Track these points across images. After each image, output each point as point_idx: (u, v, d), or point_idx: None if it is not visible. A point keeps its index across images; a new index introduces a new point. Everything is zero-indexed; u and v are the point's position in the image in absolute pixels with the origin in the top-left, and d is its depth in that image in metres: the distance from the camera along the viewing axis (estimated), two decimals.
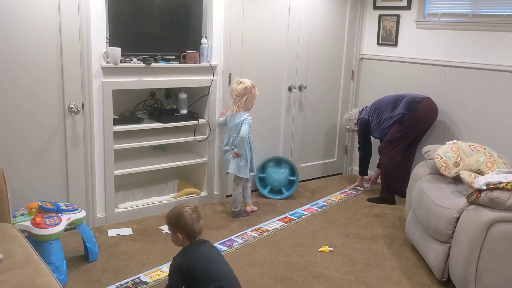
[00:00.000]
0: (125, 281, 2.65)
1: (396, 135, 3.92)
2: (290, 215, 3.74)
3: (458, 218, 2.63)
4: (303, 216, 3.72)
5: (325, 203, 3.99)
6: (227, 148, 3.61)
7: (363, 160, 4.33)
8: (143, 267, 2.85)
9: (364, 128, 4.21)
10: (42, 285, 1.78)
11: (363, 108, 4.33)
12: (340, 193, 4.29)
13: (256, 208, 3.81)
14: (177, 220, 2.26)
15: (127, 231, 3.31)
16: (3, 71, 2.82)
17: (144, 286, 2.63)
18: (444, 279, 2.75)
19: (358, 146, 4.34)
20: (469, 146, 3.14)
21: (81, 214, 2.80)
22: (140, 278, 2.70)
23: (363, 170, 4.38)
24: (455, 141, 3.27)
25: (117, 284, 2.63)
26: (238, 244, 3.19)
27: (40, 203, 2.70)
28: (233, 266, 2.87)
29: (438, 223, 2.72)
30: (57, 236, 2.58)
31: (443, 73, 4.02)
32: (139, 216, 3.55)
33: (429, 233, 2.87)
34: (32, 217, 2.62)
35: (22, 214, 2.65)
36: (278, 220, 3.64)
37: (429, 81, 4.11)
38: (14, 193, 2.49)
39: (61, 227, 2.61)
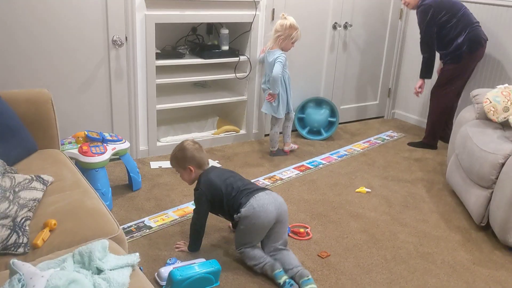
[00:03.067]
0: (129, 224, 2.61)
1: (452, 76, 3.71)
2: (331, 154, 3.74)
3: (503, 164, 2.55)
4: (343, 157, 3.71)
5: (346, 152, 3.82)
6: (264, 86, 3.57)
7: (430, 61, 3.77)
8: (184, 198, 2.95)
9: (431, 21, 3.61)
10: (90, 207, 1.88)
11: None
12: (363, 142, 4.06)
13: (296, 146, 3.80)
14: (183, 154, 2.37)
15: (169, 164, 3.40)
16: (49, 4, 2.85)
17: (148, 230, 2.57)
18: (483, 224, 2.72)
19: (420, 42, 3.74)
20: None
21: (126, 144, 2.89)
22: (144, 222, 2.64)
23: (428, 72, 3.83)
24: (506, 85, 3.11)
25: (122, 227, 2.48)
26: (276, 181, 3.24)
27: (86, 133, 2.79)
28: None
29: (481, 168, 2.66)
30: (103, 164, 2.69)
31: (499, 12, 3.77)
32: None
33: (471, 178, 2.81)
34: (79, 145, 2.73)
35: (70, 143, 2.76)
36: (321, 159, 3.65)
37: (485, 19, 3.86)
38: (62, 122, 2.57)
39: (106, 156, 2.70)
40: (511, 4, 3.69)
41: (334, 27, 4.11)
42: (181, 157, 2.38)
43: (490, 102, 2.97)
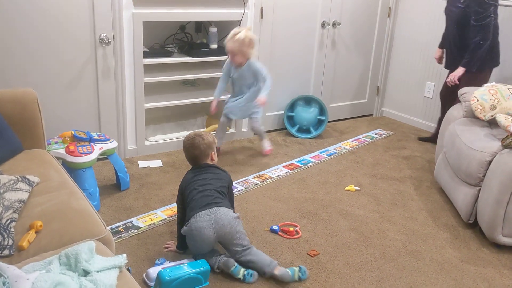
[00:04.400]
0: (117, 224, 2.57)
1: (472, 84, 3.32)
2: (321, 153, 3.75)
3: (490, 162, 2.57)
4: (332, 155, 3.72)
5: (335, 151, 3.81)
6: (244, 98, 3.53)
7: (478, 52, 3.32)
8: (173, 197, 2.93)
9: (494, 15, 3.26)
10: (77, 207, 1.85)
11: None
12: (352, 140, 4.06)
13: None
14: (183, 148, 2.41)
15: (157, 163, 3.39)
16: (35, 2, 2.81)
17: (136, 230, 2.54)
18: (471, 222, 2.74)
19: (478, 28, 3.24)
20: (508, 89, 3.02)
21: (113, 144, 2.86)
22: (133, 223, 2.60)
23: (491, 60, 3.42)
24: (493, 83, 3.14)
25: (110, 227, 2.54)
26: (265, 180, 3.24)
27: (73, 132, 2.76)
28: (260, 200, 2.93)
29: (469, 166, 2.67)
30: (90, 164, 2.66)
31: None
32: (168, 149, 3.61)
33: (459, 176, 2.83)
34: (66, 145, 2.70)
35: (56, 142, 2.72)
36: (310, 157, 3.65)
37: None
38: (48, 122, 2.55)
39: (93, 155, 2.68)
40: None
41: (323, 26, 4.11)
42: (184, 150, 2.43)
43: (478, 100, 2.99)
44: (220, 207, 2.21)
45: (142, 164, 3.36)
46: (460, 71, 3.40)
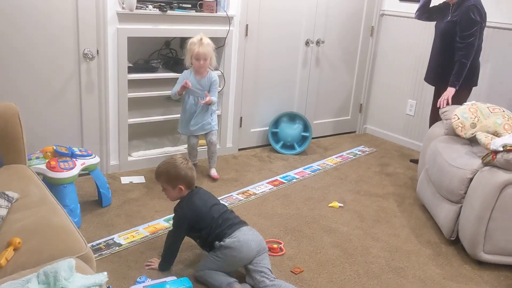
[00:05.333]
0: (98, 241, 2.53)
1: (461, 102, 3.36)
2: (305, 169, 3.76)
3: (471, 179, 2.61)
4: (317, 171, 3.73)
5: (319, 167, 3.83)
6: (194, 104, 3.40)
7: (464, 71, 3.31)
8: (155, 214, 2.90)
9: (482, 23, 3.29)
10: (57, 224, 1.82)
11: None
12: (336, 157, 4.08)
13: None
14: (177, 172, 2.28)
15: (140, 179, 3.35)
16: (20, 16, 2.79)
17: (117, 248, 2.49)
18: (453, 238, 2.76)
19: (462, 45, 3.27)
20: (487, 107, 3.08)
21: (95, 159, 2.83)
22: (114, 240, 2.57)
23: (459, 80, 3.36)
24: (473, 101, 3.20)
25: (91, 244, 2.50)
26: (249, 196, 3.22)
27: (55, 147, 2.72)
28: (244, 216, 2.91)
29: (451, 183, 2.71)
30: (72, 180, 2.62)
31: None
32: (152, 165, 3.58)
33: (440, 193, 2.86)
34: (47, 160, 2.66)
35: (37, 158, 2.68)
36: (294, 173, 3.65)
37: None
38: (29, 136, 2.51)
39: (75, 171, 2.64)
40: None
41: (307, 44, 4.16)
42: (174, 175, 2.28)
43: (458, 118, 3.04)
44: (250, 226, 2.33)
45: (125, 180, 3.32)
46: (451, 91, 3.37)
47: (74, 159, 2.71)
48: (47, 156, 2.70)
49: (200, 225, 2.25)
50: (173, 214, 2.32)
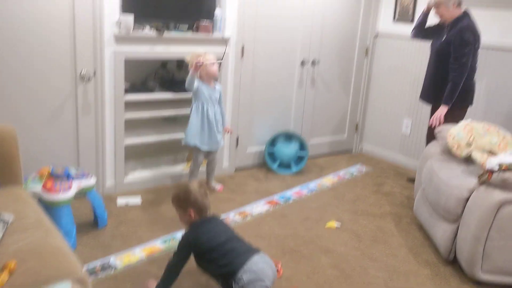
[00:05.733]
0: (93, 264, 2.51)
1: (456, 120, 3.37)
2: (301, 189, 3.75)
3: (468, 198, 2.61)
4: (314, 191, 3.73)
5: (316, 187, 3.82)
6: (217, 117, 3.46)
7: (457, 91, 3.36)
8: (152, 234, 2.88)
9: (476, 44, 3.35)
10: (53, 246, 1.81)
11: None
12: (333, 176, 4.07)
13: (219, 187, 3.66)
14: (186, 196, 2.29)
15: (136, 200, 3.34)
16: (17, 36, 2.82)
17: (113, 270, 2.47)
18: (451, 259, 2.75)
19: (455, 66, 3.32)
20: (483, 126, 3.10)
21: (92, 181, 2.82)
22: (110, 262, 2.54)
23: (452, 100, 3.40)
24: (469, 120, 3.22)
25: (86, 266, 2.48)
26: (246, 217, 3.21)
27: (51, 169, 2.72)
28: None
29: (447, 202, 2.71)
30: (68, 201, 2.61)
31: None
32: (148, 186, 3.57)
33: (437, 212, 2.86)
34: (43, 182, 2.65)
35: (34, 179, 2.67)
36: (291, 193, 3.65)
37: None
38: (26, 157, 2.51)
39: (71, 193, 2.63)
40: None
41: (303, 64, 4.20)
42: (183, 199, 2.30)
43: (454, 137, 3.06)
44: (261, 252, 2.26)
45: (121, 201, 3.31)
46: (443, 110, 3.40)
47: (70, 180, 2.70)
48: (43, 177, 2.69)
49: (206, 256, 2.21)
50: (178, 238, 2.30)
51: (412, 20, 4.25)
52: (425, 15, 3.64)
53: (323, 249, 2.85)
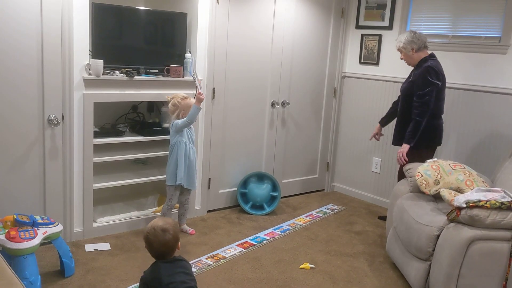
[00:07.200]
0: None
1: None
2: (274, 229, 3.72)
3: (438, 236, 2.64)
4: (287, 231, 3.70)
5: (289, 227, 3.81)
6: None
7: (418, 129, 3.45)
8: (121, 283, 2.78)
9: (440, 84, 3.43)
10: None
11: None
12: (305, 216, 4.08)
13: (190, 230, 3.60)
14: (146, 240, 2.12)
15: (105, 246, 3.24)
16: None
17: None
18: None
19: (417, 104, 3.42)
20: (449, 164, 3.18)
21: (58, 228, 2.73)
22: None
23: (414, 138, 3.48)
24: (435, 159, 3.30)
25: None
26: (219, 260, 3.15)
27: (15, 216, 2.62)
28: (213, 283, 2.84)
29: (418, 241, 2.73)
30: (32, 250, 2.51)
31: None
32: (117, 231, 3.48)
33: (409, 251, 2.87)
34: (6, 230, 2.55)
35: None
36: (264, 234, 3.61)
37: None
38: None
39: (36, 241, 2.53)
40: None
41: (273, 105, 4.26)
42: (146, 243, 2.13)
43: (422, 175, 3.12)
44: None
45: (89, 247, 3.20)
46: (405, 147, 3.47)
47: (36, 228, 2.61)
48: (7, 225, 2.59)
49: None
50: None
51: (377, 63, 4.41)
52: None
53: None
